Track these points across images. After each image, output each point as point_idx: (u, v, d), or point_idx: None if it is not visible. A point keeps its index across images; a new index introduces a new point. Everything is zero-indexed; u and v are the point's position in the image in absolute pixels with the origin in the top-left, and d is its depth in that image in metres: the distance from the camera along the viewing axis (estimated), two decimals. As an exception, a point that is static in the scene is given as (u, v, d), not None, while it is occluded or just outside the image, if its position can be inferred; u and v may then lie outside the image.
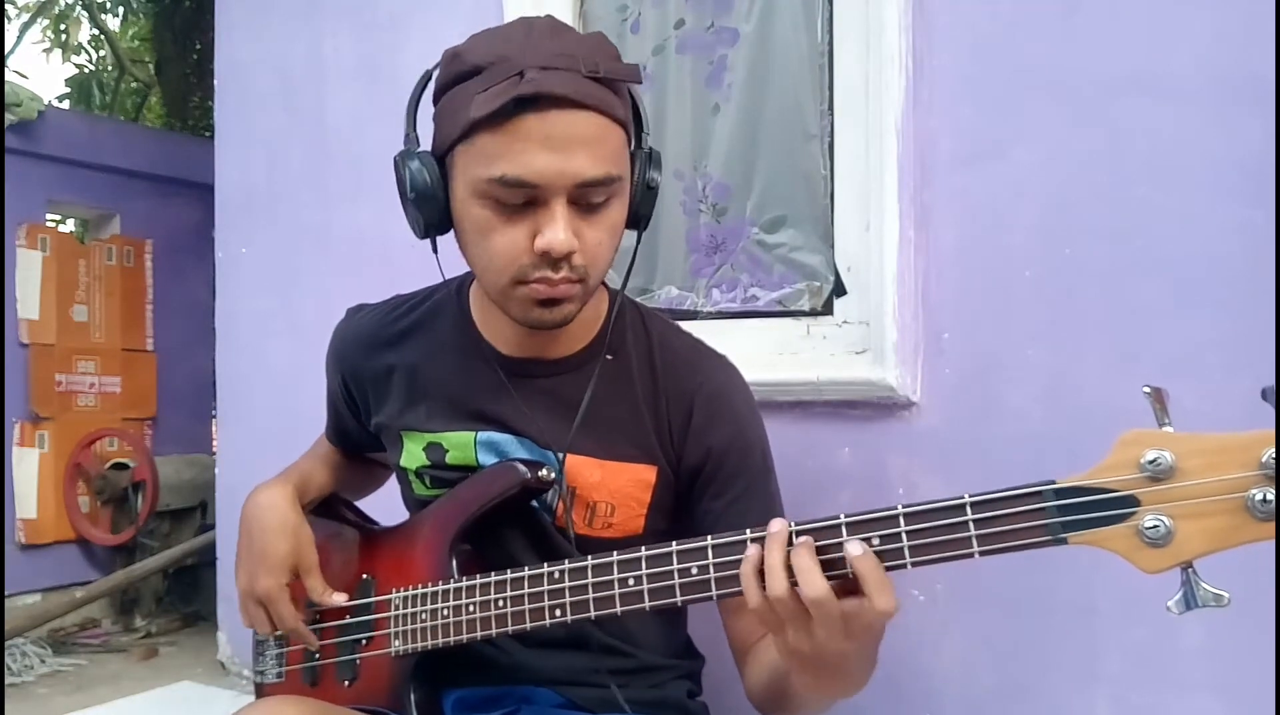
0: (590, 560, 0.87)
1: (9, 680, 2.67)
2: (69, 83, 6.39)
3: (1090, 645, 1.28)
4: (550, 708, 1.03)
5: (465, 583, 0.94)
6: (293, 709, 0.90)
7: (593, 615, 0.86)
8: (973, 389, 1.37)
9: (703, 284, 1.72)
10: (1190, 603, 0.65)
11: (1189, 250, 1.22)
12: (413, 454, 1.07)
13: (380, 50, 2.09)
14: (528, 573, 0.90)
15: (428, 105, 0.95)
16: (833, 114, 1.55)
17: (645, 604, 0.83)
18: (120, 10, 6.63)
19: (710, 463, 1.01)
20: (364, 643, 1.02)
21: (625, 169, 0.92)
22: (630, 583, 0.84)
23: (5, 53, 4.95)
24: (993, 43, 1.37)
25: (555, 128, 0.84)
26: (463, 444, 1.03)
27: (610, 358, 1.03)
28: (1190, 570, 0.65)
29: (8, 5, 6.13)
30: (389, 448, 1.11)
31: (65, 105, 6.04)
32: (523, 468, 0.98)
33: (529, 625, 0.89)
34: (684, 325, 1.11)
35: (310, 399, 1.30)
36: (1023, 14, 1.34)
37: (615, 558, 0.85)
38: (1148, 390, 0.67)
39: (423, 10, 2.00)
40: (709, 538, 0.81)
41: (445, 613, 0.95)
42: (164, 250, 3.84)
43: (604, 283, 1.07)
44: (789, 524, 0.77)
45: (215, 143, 2.45)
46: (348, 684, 1.02)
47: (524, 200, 0.87)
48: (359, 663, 1.02)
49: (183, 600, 3.40)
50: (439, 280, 1.09)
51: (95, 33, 6.63)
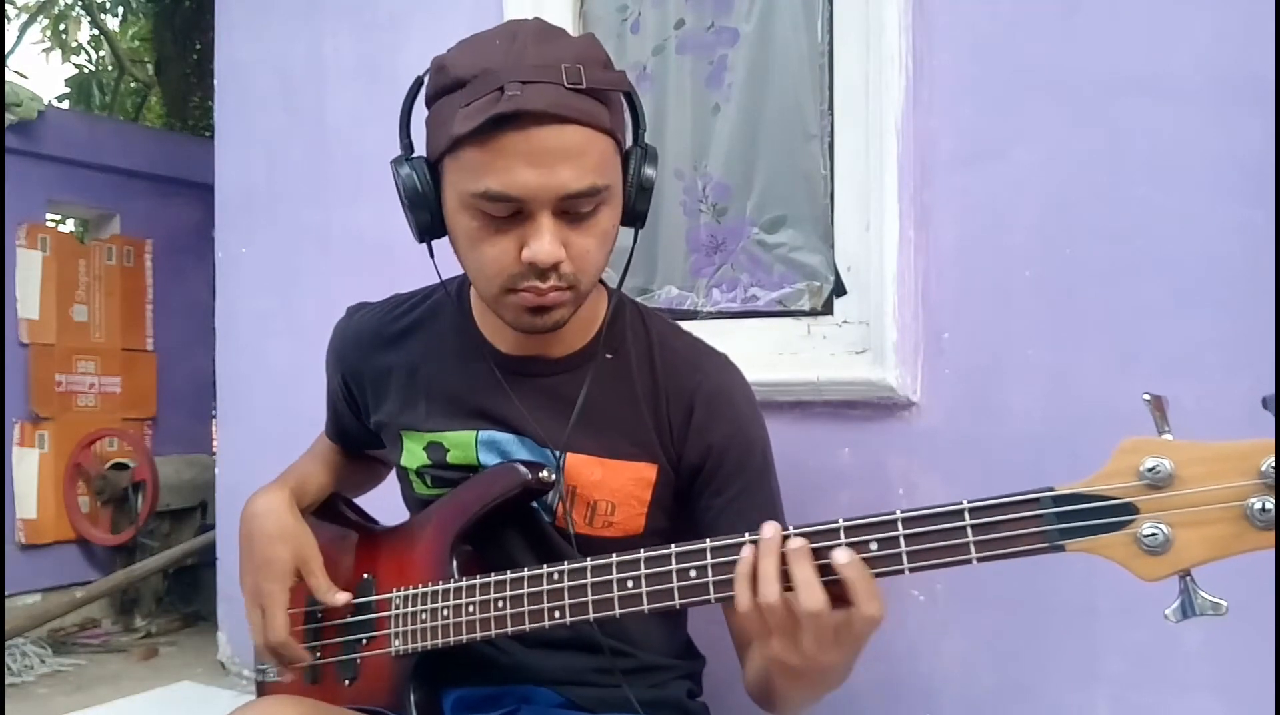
0: (589, 561, 0.87)
1: (9, 680, 2.67)
2: (69, 83, 6.39)
3: (1090, 645, 1.28)
4: (550, 708, 1.03)
5: (465, 583, 0.94)
6: (292, 708, 0.90)
7: (591, 617, 0.86)
8: (973, 389, 1.37)
9: (703, 284, 1.72)
10: (1188, 611, 0.65)
11: (1189, 250, 1.22)
12: (413, 453, 1.07)
13: (380, 50, 2.09)
14: (527, 573, 0.90)
15: (423, 111, 0.94)
16: (833, 114, 1.55)
17: (644, 606, 0.83)
18: (120, 10, 6.63)
19: (710, 460, 1.01)
20: (364, 642, 1.02)
21: (613, 177, 0.91)
22: (629, 584, 0.84)
23: (5, 53, 4.95)
24: (993, 43, 1.37)
25: (537, 143, 0.83)
26: (464, 443, 1.03)
27: (610, 356, 1.03)
28: (1188, 578, 0.65)
29: (8, 5, 6.13)
30: (389, 447, 1.11)
31: (65, 105, 6.04)
32: (523, 469, 0.98)
33: (528, 626, 0.89)
34: (684, 325, 1.11)
35: (310, 399, 1.30)
36: (1023, 14, 1.34)
37: (614, 559, 0.85)
38: (1147, 397, 0.66)
39: (423, 10, 2.00)
40: (708, 540, 0.81)
41: (445, 613, 0.95)
42: (164, 250, 3.84)
43: (603, 282, 1.07)
44: (780, 529, 0.77)
45: (215, 143, 2.45)
46: (348, 683, 1.02)
47: (510, 212, 0.87)
48: (359, 662, 1.02)
49: (183, 600, 3.40)
50: (437, 279, 1.09)
51: (95, 33, 6.63)
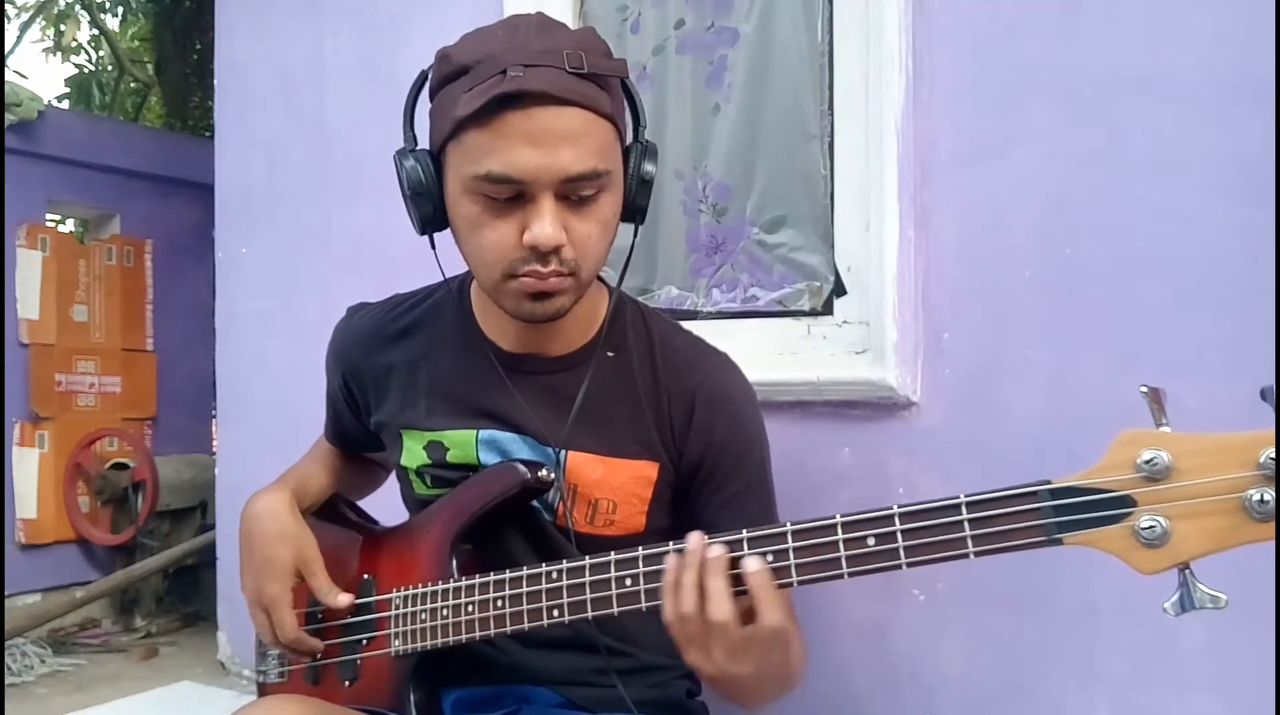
0: (588, 560, 0.87)
1: (9, 680, 2.67)
2: (69, 83, 6.39)
3: (1091, 645, 1.28)
4: (549, 707, 1.03)
5: (464, 582, 0.94)
6: (293, 708, 0.90)
7: (590, 616, 0.86)
8: (973, 389, 1.37)
9: (703, 284, 1.72)
10: (1187, 604, 0.65)
11: (1189, 250, 1.22)
12: (413, 453, 1.07)
13: (380, 50, 2.09)
14: (526, 573, 0.90)
15: (426, 104, 0.95)
16: (833, 114, 1.55)
17: (642, 604, 0.83)
18: (120, 10, 6.63)
19: (710, 459, 1.01)
20: (364, 643, 1.02)
21: (614, 163, 0.92)
22: (628, 583, 0.84)
23: (5, 53, 4.95)
24: (993, 43, 1.37)
25: (539, 124, 0.85)
26: (464, 442, 1.03)
27: (611, 355, 1.03)
28: (1187, 571, 0.65)
29: (8, 5, 6.13)
30: (389, 447, 1.11)
31: (65, 105, 6.04)
32: (523, 468, 0.98)
33: (527, 625, 0.89)
34: (684, 325, 1.11)
35: (310, 399, 1.30)
36: (1023, 14, 1.34)
37: (612, 558, 0.85)
38: (1145, 390, 0.66)
39: (423, 10, 2.00)
40: (705, 537, 0.81)
41: (445, 613, 0.95)
42: (164, 250, 3.84)
43: (603, 280, 1.07)
44: (704, 539, 0.79)
45: (215, 143, 2.45)
46: (348, 684, 1.02)
47: (512, 195, 0.88)
48: (359, 663, 1.02)
49: (183, 600, 3.40)
50: (439, 279, 1.09)
51: (95, 33, 6.63)
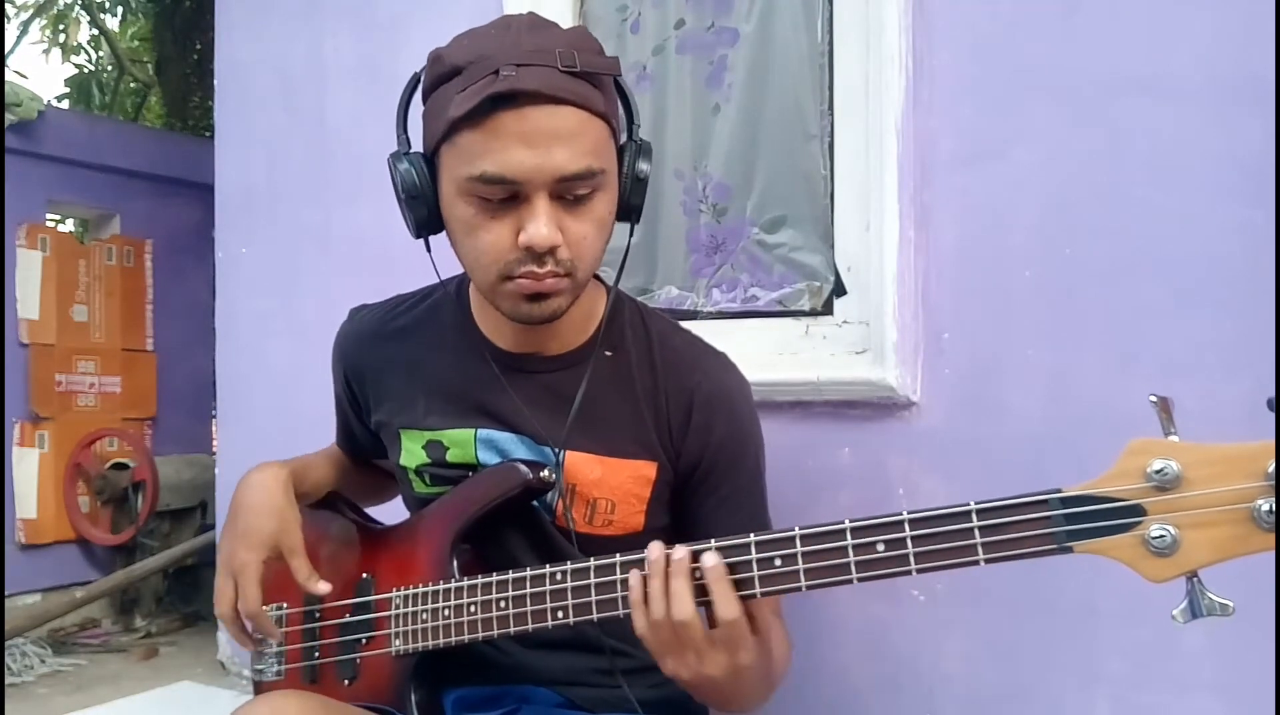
0: (592, 562, 0.87)
1: (9, 680, 2.67)
2: (69, 83, 6.39)
3: (1091, 645, 1.28)
4: (550, 707, 1.03)
5: (466, 582, 0.94)
6: (295, 704, 0.89)
7: (595, 617, 0.86)
8: (973, 389, 1.37)
9: (703, 284, 1.72)
10: (1195, 612, 0.65)
11: (1189, 250, 1.22)
12: (412, 452, 1.07)
13: (380, 50, 2.08)
14: (529, 573, 0.90)
15: (419, 107, 0.95)
16: (833, 114, 1.55)
17: None
18: (120, 10, 6.63)
19: (707, 460, 1.01)
20: (364, 642, 1.02)
21: (609, 161, 0.91)
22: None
23: (5, 53, 4.95)
24: (993, 43, 1.37)
25: (532, 124, 0.85)
26: (463, 441, 1.03)
27: (609, 354, 1.03)
28: (1195, 580, 0.65)
29: (8, 5, 6.13)
30: (389, 447, 1.11)
31: (65, 105, 6.04)
32: (524, 468, 0.98)
33: (530, 626, 0.89)
34: (684, 325, 1.11)
35: (310, 399, 1.30)
36: (1023, 14, 1.34)
37: (618, 559, 0.85)
38: (1154, 399, 0.66)
39: (423, 10, 2.00)
40: (712, 541, 0.81)
41: (446, 613, 0.95)
42: (164, 250, 3.85)
43: (601, 280, 1.07)
44: (664, 548, 0.81)
45: (215, 143, 2.45)
46: (348, 683, 1.02)
47: (506, 196, 0.87)
48: (359, 662, 1.02)
49: (183, 600, 3.40)
50: (436, 280, 1.09)
51: (95, 32, 6.63)
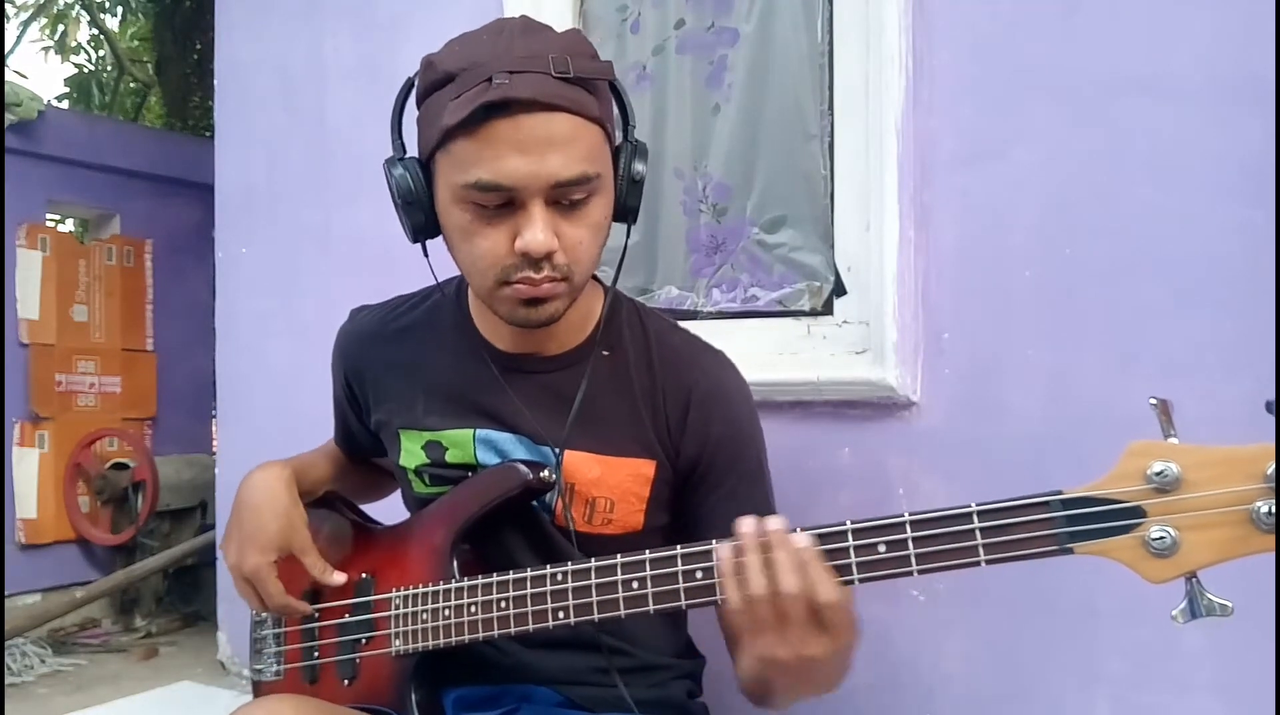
0: (594, 562, 0.87)
1: (9, 680, 2.67)
2: (69, 83, 6.40)
3: (1091, 646, 1.28)
4: (550, 707, 1.03)
5: (467, 583, 0.94)
6: (290, 707, 0.90)
7: (596, 617, 0.86)
8: (973, 389, 1.37)
9: (703, 284, 1.72)
10: (1195, 612, 0.66)
11: (1189, 250, 1.22)
12: (411, 453, 1.07)
13: (380, 50, 2.09)
14: (530, 574, 0.90)
15: (414, 111, 0.95)
16: (833, 114, 1.55)
17: (649, 607, 0.83)
18: (120, 10, 6.63)
19: (706, 456, 1.01)
20: (364, 642, 1.02)
21: (604, 166, 0.92)
22: (634, 585, 0.84)
23: (5, 53, 4.95)
24: (993, 43, 1.37)
25: (526, 131, 0.85)
26: (462, 441, 1.03)
27: (607, 353, 1.03)
28: (1195, 580, 0.66)
29: (8, 5, 6.13)
30: (388, 447, 1.11)
31: (65, 105, 6.04)
32: (524, 469, 0.98)
33: (531, 626, 0.89)
34: (684, 325, 1.10)
35: (310, 399, 1.30)
36: (1023, 14, 1.34)
37: (619, 560, 0.85)
38: (1154, 402, 0.67)
39: (423, 10, 2.00)
40: (714, 542, 0.81)
41: (446, 613, 0.95)
42: (164, 250, 3.84)
43: (599, 279, 1.07)
44: (758, 521, 0.78)
45: (215, 143, 2.45)
46: (347, 683, 1.02)
47: (502, 203, 0.88)
48: (359, 662, 1.02)
49: (183, 600, 3.39)
50: (435, 282, 1.09)
51: (95, 32, 6.63)
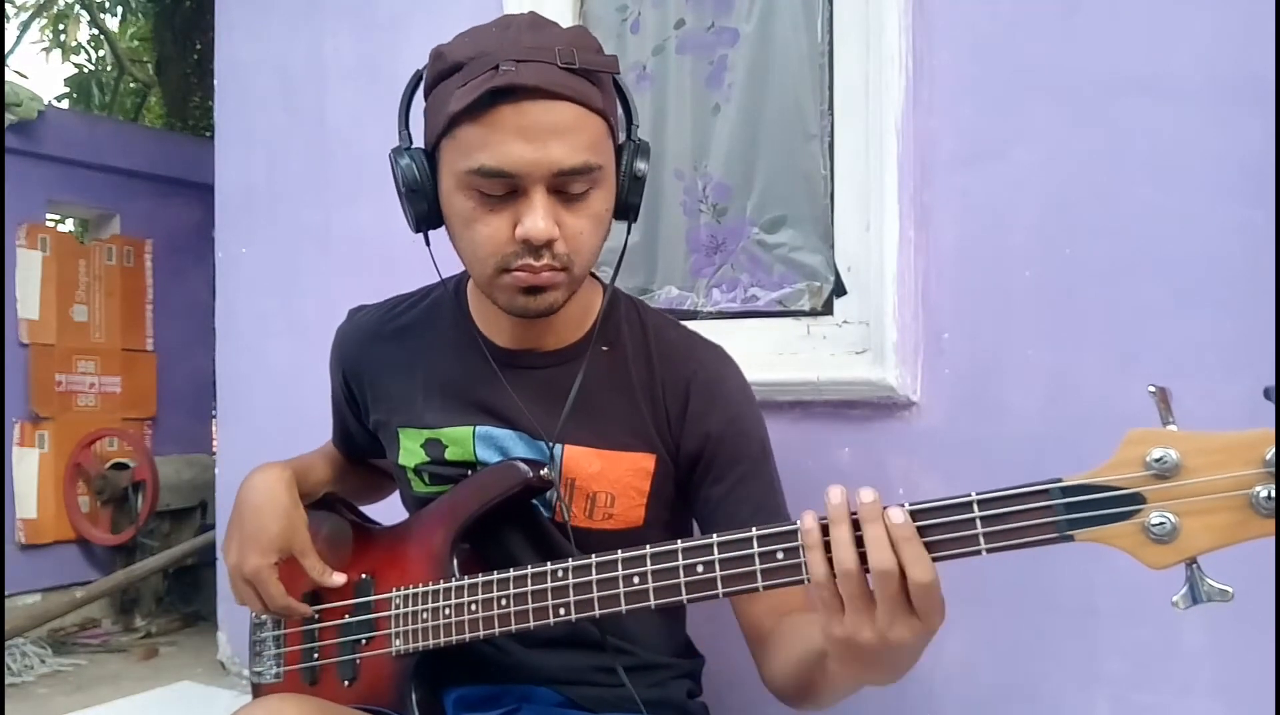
0: (594, 558, 0.86)
1: (9, 680, 2.67)
2: (69, 83, 6.40)
3: (1091, 646, 1.28)
4: (550, 706, 1.03)
5: (467, 581, 0.94)
6: (293, 707, 0.89)
7: (597, 614, 0.86)
8: (973, 389, 1.37)
9: (703, 284, 1.72)
10: (1196, 597, 0.66)
11: (1189, 250, 1.22)
12: (411, 451, 1.07)
13: (380, 50, 2.09)
14: (530, 571, 0.90)
15: (422, 104, 0.96)
16: (833, 114, 1.55)
17: (650, 602, 0.83)
18: (120, 10, 6.63)
19: (708, 449, 1.01)
20: (364, 642, 1.02)
21: (606, 158, 0.92)
22: (635, 581, 0.84)
23: (5, 53, 4.95)
24: (993, 43, 1.37)
25: (531, 118, 0.86)
26: (461, 439, 1.04)
27: (606, 348, 1.03)
28: (1195, 566, 0.66)
29: (8, 5, 6.13)
30: (387, 446, 1.11)
31: (65, 105, 6.04)
32: (524, 467, 0.98)
33: (532, 624, 0.89)
34: (683, 324, 1.10)
35: (310, 399, 1.30)
36: (1023, 14, 1.34)
37: (620, 556, 0.85)
38: (1153, 390, 0.67)
39: (423, 10, 2.00)
40: (714, 536, 0.81)
41: (447, 612, 0.95)
42: (164, 250, 3.84)
43: (598, 277, 1.07)
44: (846, 492, 0.73)
45: (215, 143, 2.45)
46: (348, 684, 1.02)
47: (504, 190, 0.88)
48: (359, 662, 1.02)
49: (183, 600, 3.40)
50: (436, 278, 1.10)
51: (95, 32, 6.63)
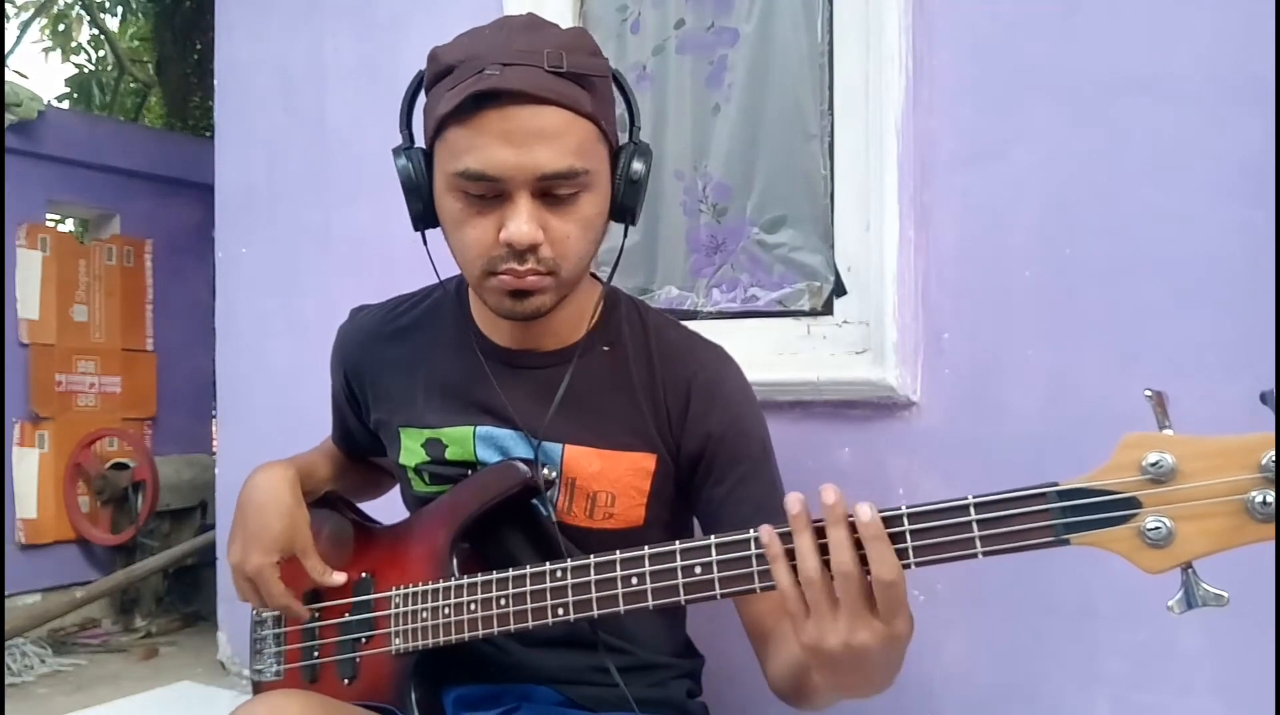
0: (593, 559, 0.87)
1: (9, 680, 2.67)
2: (69, 83, 6.39)
3: (1091, 646, 1.28)
4: (550, 706, 1.03)
5: (467, 581, 0.94)
6: (296, 703, 0.89)
7: (595, 614, 0.86)
8: (973, 389, 1.37)
9: (703, 284, 1.72)
10: (1191, 602, 0.66)
11: (1189, 250, 1.22)
12: (411, 451, 1.07)
13: (380, 50, 2.09)
14: (530, 571, 0.90)
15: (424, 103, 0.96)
16: (833, 114, 1.55)
17: (649, 603, 0.83)
18: (120, 10, 6.63)
19: (709, 449, 1.01)
20: (363, 641, 1.02)
21: (595, 162, 0.92)
22: (634, 581, 0.84)
23: (5, 53, 4.95)
24: (993, 43, 1.37)
25: (515, 122, 0.86)
26: (461, 439, 1.04)
27: (606, 349, 1.03)
28: (1190, 571, 0.66)
29: (8, 5, 6.13)
30: (388, 446, 1.11)
31: (65, 105, 6.04)
32: (524, 467, 0.98)
33: (531, 624, 0.89)
34: (684, 324, 1.11)
35: (310, 399, 1.30)
36: (1023, 14, 1.34)
37: (618, 556, 0.85)
38: (1149, 394, 0.67)
39: (423, 10, 2.00)
40: (713, 537, 0.81)
41: (446, 611, 0.95)
42: (164, 250, 3.84)
43: (598, 277, 1.07)
44: (804, 501, 0.76)
45: (215, 143, 2.45)
46: (347, 682, 1.02)
47: (490, 193, 0.89)
48: (359, 661, 1.02)
49: (183, 600, 3.39)
50: (435, 278, 1.10)
51: (95, 32, 6.63)
